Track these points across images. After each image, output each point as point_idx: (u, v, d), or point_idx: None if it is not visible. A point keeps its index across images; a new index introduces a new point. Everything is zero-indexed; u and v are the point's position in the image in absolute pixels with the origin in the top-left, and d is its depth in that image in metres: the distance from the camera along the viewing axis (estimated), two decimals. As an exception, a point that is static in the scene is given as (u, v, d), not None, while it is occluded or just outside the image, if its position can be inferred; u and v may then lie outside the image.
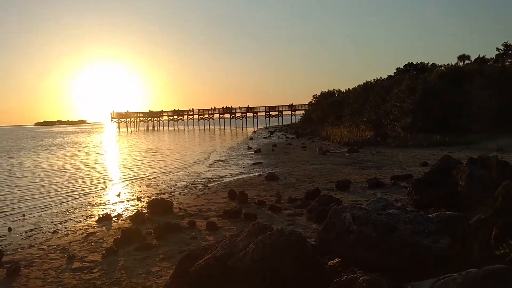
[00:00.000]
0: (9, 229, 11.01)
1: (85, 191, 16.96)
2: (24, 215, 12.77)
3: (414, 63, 58.78)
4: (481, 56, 50.10)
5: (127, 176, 21.25)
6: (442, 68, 40.00)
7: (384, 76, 55.93)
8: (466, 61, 51.85)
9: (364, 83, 52.47)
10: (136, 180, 19.84)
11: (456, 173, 9.48)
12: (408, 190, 10.52)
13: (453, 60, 61.34)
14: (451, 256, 4.40)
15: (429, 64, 54.80)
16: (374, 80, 52.14)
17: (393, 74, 58.56)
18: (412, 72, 48.26)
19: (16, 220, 12.23)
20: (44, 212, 13.22)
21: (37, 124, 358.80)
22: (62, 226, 11.17)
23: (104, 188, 17.67)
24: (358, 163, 20.56)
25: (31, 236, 10.30)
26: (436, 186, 9.58)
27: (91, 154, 37.35)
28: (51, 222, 11.66)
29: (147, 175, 21.45)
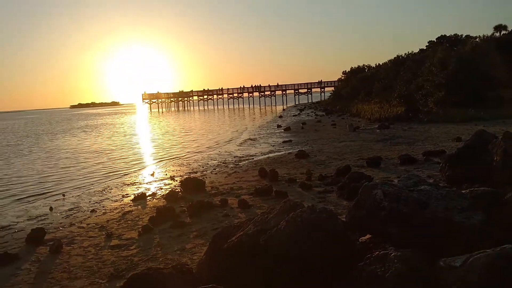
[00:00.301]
0: (51, 209, 11.50)
1: (120, 171, 17.46)
2: (64, 195, 13.28)
3: (447, 35, 56.75)
4: (519, 25, 48.02)
5: (160, 156, 21.68)
6: (477, 39, 38.60)
7: (416, 50, 54.40)
8: (503, 32, 49.70)
9: (395, 58, 51.28)
10: (169, 159, 20.23)
11: (491, 148, 9.24)
12: (440, 166, 10.34)
13: (489, 31, 58.96)
14: (485, 232, 4.37)
15: (463, 36, 52.83)
16: (405, 54, 50.85)
17: (425, 48, 56.80)
18: (445, 45, 46.73)
19: (57, 200, 12.74)
20: (83, 192, 13.71)
21: (73, 106, 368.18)
22: (100, 205, 11.57)
23: (139, 168, 18.12)
24: (389, 139, 20.29)
25: (71, 215, 10.73)
26: (470, 162, 9.38)
27: (125, 135, 38.19)
28: (89, 202, 12.10)
29: (180, 154, 21.84)
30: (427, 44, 58.48)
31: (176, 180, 14.09)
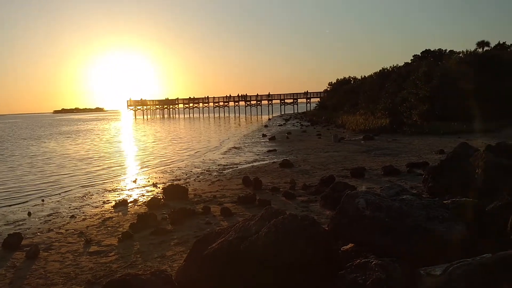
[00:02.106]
0: (29, 214, 11.25)
1: (102, 177, 17.21)
2: (43, 200, 13.03)
3: (432, 49, 57.70)
4: (501, 42, 49.04)
5: (143, 163, 21.47)
6: (461, 54, 39.26)
7: (401, 63, 55.09)
8: (486, 48, 50.74)
9: (380, 70, 51.79)
10: (152, 167, 20.04)
11: (473, 160, 9.35)
12: (423, 178, 10.43)
13: (472, 47, 60.05)
14: (466, 243, 4.38)
15: (447, 51, 53.76)
16: (390, 67, 51.40)
17: (410, 61, 57.59)
18: (430, 59, 47.44)
19: (36, 205, 12.47)
20: (63, 197, 13.45)
21: (56, 111, 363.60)
22: (80, 211, 11.37)
23: (121, 175, 17.89)
24: (373, 150, 20.43)
25: (49, 220, 10.51)
26: (452, 173, 9.47)
27: (108, 142, 37.79)
28: (69, 207, 11.88)
29: (163, 161, 21.65)
30: (412, 58, 59.29)
31: (159, 187, 13.95)
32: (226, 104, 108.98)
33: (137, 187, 14.56)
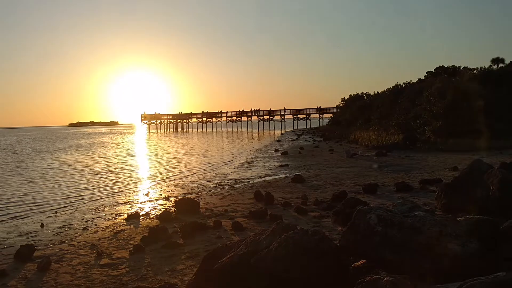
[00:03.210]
0: (42, 225, 11.35)
1: (115, 190, 17.33)
2: (56, 212, 13.14)
3: (446, 66, 57.41)
4: (516, 59, 48.58)
5: (156, 176, 21.58)
6: (475, 71, 39.01)
7: (414, 80, 54.88)
8: (501, 64, 50.32)
9: (393, 86, 51.67)
10: (164, 180, 20.12)
11: (487, 178, 9.22)
12: (436, 194, 10.30)
13: (487, 64, 59.63)
14: (480, 261, 4.31)
15: (461, 68, 53.44)
16: (403, 83, 51.30)
17: (423, 78, 57.36)
18: (443, 76, 47.20)
19: (49, 217, 12.60)
20: (76, 209, 13.57)
21: (71, 125, 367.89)
22: (92, 223, 11.44)
23: (134, 188, 17.99)
24: (386, 166, 20.28)
25: (62, 232, 10.59)
26: (466, 191, 9.34)
27: (122, 155, 38.09)
28: (82, 219, 11.96)
29: (176, 175, 21.73)
30: (425, 75, 59.05)
31: (171, 201, 13.98)
32: (239, 118, 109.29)
33: (149, 200, 14.62)
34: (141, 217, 11.70)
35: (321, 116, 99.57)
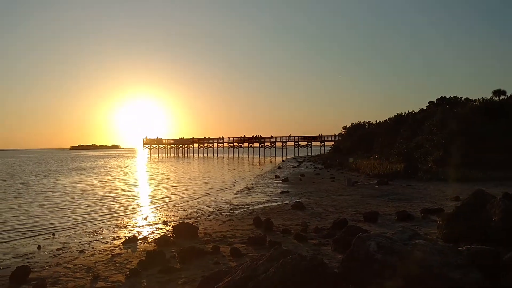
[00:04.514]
0: (39, 247, 11.23)
1: (114, 214, 17.21)
2: (53, 234, 13.03)
3: (447, 97, 57.77)
4: (517, 91, 48.85)
5: (155, 201, 21.47)
6: (476, 102, 39.21)
7: (416, 110, 55.17)
8: (502, 96, 50.60)
9: (395, 116, 51.94)
10: (163, 204, 20.01)
11: (489, 208, 9.14)
12: (438, 224, 10.18)
13: (488, 95, 60.02)
14: (481, 290, 4.22)
15: (463, 98, 53.75)
16: (405, 113, 51.55)
17: (425, 108, 57.65)
18: (445, 106, 47.45)
19: (46, 239, 12.48)
20: (73, 232, 13.45)
21: (73, 147, 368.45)
22: (89, 246, 11.31)
23: (132, 212, 17.87)
24: (387, 195, 20.15)
25: (58, 254, 10.46)
26: (468, 221, 9.24)
27: (122, 178, 38.00)
28: (79, 242, 11.84)
29: (175, 200, 21.63)
30: (427, 105, 59.38)
31: (169, 225, 13.86)
32: (240, 144, 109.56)
33: (148, 224, 14.50)
34: (139, 241, 11.57)
35: (322, 143, 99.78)
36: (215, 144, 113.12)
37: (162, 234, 12.12)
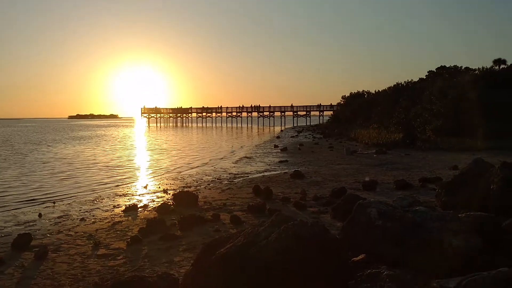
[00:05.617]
0: (40, 215, 11.30)
1: (113, 182, 17.28)
2: (54, 202, 13.09)
3: (447, 66, 57.28)
4: (518, 60, 48.45)
5: (155, 169, 21.54)
6: (476, 71, 38.93)
7: (416, 79, 54.80)
8: (502, 65, 50.19)
9: (394, 85, 51.64)
10: (163, 173, 20.09)
11: (488, 177, 9.17)
12: (437, 192, 10.26)
13: (488, 64, 59.42)
14: (481, 255, 4.26)
15: (463, 68, 53.36)
16: (404, 82, 51.25)
17: (424, 77, 57.24)
18: (445, 75, 47.13)
19: (47, 207, 12.54)
20: (74, 200, 13.52)
21: (71, 117, 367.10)
22: (90, 214, 11.39)
23: (132, 180, 17.95)
24: (386, 164, 20.23)
25: (59, 222, 10.54)
26: (466, 189, 9.29)
27: (121, 148, 38.03)
28: (80, 210, 11.92)
29: (175, 168, 21.70)
30: (427, 74, 58.92)
31: (169, 194, 13.94)
32: (239, 114, 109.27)
33: (148, 193, 14.58)
34: (139, 209, 11.65)
35: (321, 113, 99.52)
36: (214, 114, 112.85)
37: (162, 202, 12.18)
